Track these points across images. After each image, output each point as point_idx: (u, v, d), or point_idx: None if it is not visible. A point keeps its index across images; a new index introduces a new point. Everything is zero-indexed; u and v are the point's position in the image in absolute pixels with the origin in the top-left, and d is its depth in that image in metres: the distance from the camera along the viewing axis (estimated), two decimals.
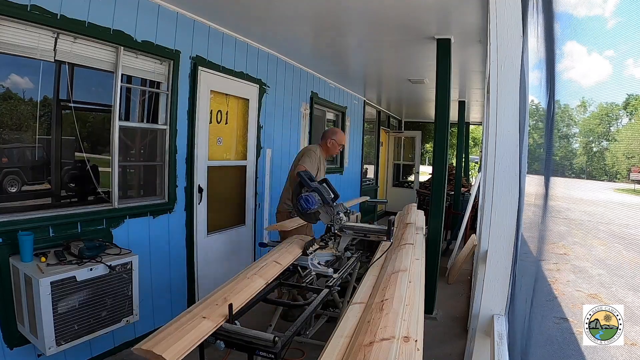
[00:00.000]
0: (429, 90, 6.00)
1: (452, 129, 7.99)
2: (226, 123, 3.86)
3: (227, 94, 3.81)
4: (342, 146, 3.70)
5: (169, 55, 3.04)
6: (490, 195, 1.49)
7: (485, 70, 4.52)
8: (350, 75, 5.86)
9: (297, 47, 4.28)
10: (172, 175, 3.18)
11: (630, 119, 0.80)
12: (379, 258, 2.38)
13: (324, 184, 2.84)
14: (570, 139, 1.08)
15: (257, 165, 4.23)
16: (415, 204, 4.61)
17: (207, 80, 3.45)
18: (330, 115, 6.53)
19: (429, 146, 14.37)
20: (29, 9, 2.15)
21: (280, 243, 2.67)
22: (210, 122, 3.59)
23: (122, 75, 2.74)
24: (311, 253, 2.44)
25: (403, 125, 11.04)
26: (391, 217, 2.87)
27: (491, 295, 1.47)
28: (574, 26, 0.90)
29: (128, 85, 2.86)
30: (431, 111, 7.97)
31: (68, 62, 2.45)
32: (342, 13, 3.13)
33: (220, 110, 3.75)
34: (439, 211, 3.61)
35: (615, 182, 0.82)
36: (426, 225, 3.62)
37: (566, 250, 1.20)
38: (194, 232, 3.40)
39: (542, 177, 1.11)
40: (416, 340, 1.30)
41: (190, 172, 3.33)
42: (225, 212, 3.86)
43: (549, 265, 1.14)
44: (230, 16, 3.30)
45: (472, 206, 5.44)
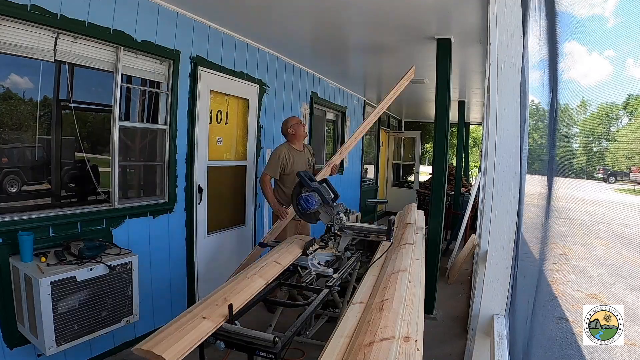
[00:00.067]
0: (429, 90, 6.00)
1: (452, 129, 7.99)
2: (226, 123, 3.86)
3: (227, 94, 3.81)
4: (298, 123, 3.66)
5: (169, 55, 3.04)
6: (490, 195, 1.49)
7: (485, 70, 4.52)
8: (350, 75, 5.86)
9: (297, 47, 4.28)
10: (172, 175, 3.18)
11: (630, 119, 0.80)
12: (379, 258, 2.38)
13: (324, 184, 2.85)
14: (570, 139, 1.08)
15: (257, 165, 4.22)
16: (415, 204, 4.61)
17: (207, 80, 3.45)
18: (330, 115, 6.53)
19: (429, 146, 14.38)
20: (29, 9, 2.15)
21: (280, 243, 2.67)
22: (210, 122, 3.59)
23: (122, 75, 2.74)
24: (311, 253, 2.44)
25: (403, 125, 11.04)
26: (391, 217, 2.87)
27: (491, 295, 1.47)
28: (575, 26, 0.90)
29: (128, 85, 2.86)
30: (431, 111, 7.97)
31: (68, 62, 2.45)
32: (342, 13, 3.14)
33: (220, 110, 3.75)
34: (439, 211, 3.61)
35: (615, 182, 0.82)
36: (426, 225, 3.62)
37: (566, 250, 1.20)
38: (194, 232, 3.39)
39: (543, 177, 1.11)
40: (416, 340, 1.30)
41: (190, 172, 3.33)
42: (225, 212, 3.86)
43: (549, 265, 1.14)
44: (230, 16, 3.30)
45: (472, 206, 5.44)
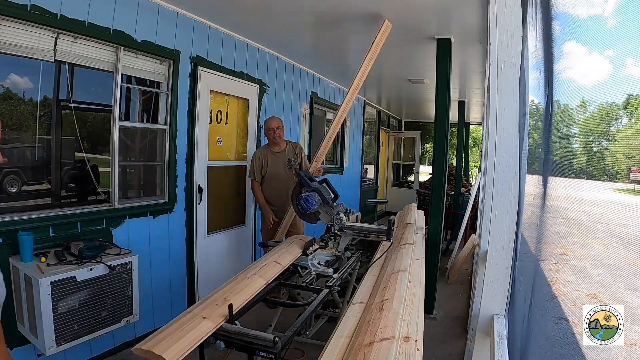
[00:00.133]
0: (429, 90, 6.00)
1: (452, 129, 7.99)
2: (226, 123, 3.86)
3: (227, 94, 3.81)
4: (270, 129, 3.59)
5: (169, 55, 3.04)
6: (490, 195, 1.49)
7: (485, 70, 4.51)
8: (350, 75, 5.79)
9: (297, 47, 4.28)
10: (172, 175, 3.18)
11: (630, 119, 0.80)
12: (379, 258, 2.38)
13: (324, 184, 2.85)
14: (570, 139, 1.08)
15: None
16: (415, 204, 4.61)
17: (207, 80, 3.45)
18: (330, 115, 6.52)
19: (429, 146, 14.37)
20: (29, 9, 2.15)
21: (280, 243, 2.67)
22: (210, 122, 3.59)
23: (122, 75, 2.74)
24: (311, 253, 2.44)
25: (403, 125, 11.04)
26: (391, 217, 2.87)
27: (491, 295, 1.47)
28: (573, 26, 0.90)
29: (128, 85, 2.86)
30: (431, 111, 7.97)
31: (68, 62, 2.45)
32: (342, 13, 3.13)
33: (220, 110, 3.75)
34: (439, 211, 3.61)
35: (615, 182, 0.82)
36: (426, 225, 3.62)
37: (566, 250, 1.20)
38: (194, 232, 3.40)
39: (542, 177, 1.11)
40: (416, 340, 1.30)
41: (190, 172, 3.33)
42: (225, 212, 3.86)
43: (549, 265, 1.14)
44: (231, 16, 3.30)
45: (472, 206, 5.43)
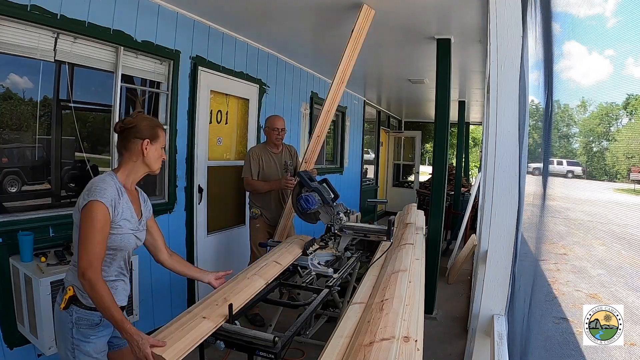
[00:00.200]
0: (429, 90, 6.00)
1: (452, 129, 7.99)
2: (226, 123, 3.86)
3: (227, 94, 3.81)
4: (276, 129, 3.39)
5: (169, 55, 3.04)
6: (490, 195, 1.49)
7: (485, 70, 4.51)
8: (350, 75, 5.84)
9: (297, 47, 4.28)
10: (172, 175, 3.18)
11: (630, 119, 0.80)
12: (379, 258, 2.38)
13: (324, 184, 2.84)
14: (570, 139, 1.08)
15: None
16: (415, 204, 4.61)
17: (207, 80, 3.45)
18: None
19: (429, 146, 14.37)
20: (29, 9, 2.15)
21: (280, 243, 2.67)
22: (210, 122, 3.59)
23: (122, 75, 2.74)
24: (311, 253, 2.44)
25: (403, 125, 11.04)
26: (391, 217, 2.87)
27: (491, 295, 1.47)
28: (573, 25, 0.90)
29: (128, 85, 2.86)
30: (431, 111, 7.97)
31: (68, 62, 2.45)
32: (343, 13, 3.13)
33: (220, 110, 3.75)
34: (439, 211, 3.61)
35: (615, 182, 0.82)
36: (426, 225, 3.62)
37: (566, 250, 1.20)
38: (194, 232, 3.40)
39: (541, 177, 1.11)
40: (416, 340, 1.30)
41: (190, 172, 3.33)
42: (225, 212, 3.86)
43: (549, 265, 1.14)
44: (230, 16, 3.30)
45: (472, 206, 5.43)
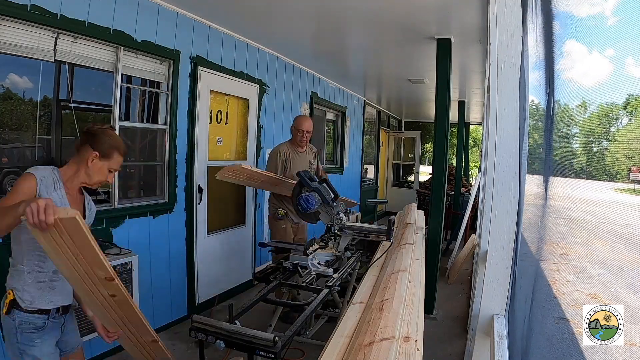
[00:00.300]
0: (429, 90, 6.00)
1: (452, 129, 7.99)
2: (226, 123, 3.86)
3: (227, 94, 3.80)
4: (301, 131, 3.32)
5: (169, 55, 3.04)
6: (490, 195, 1.49)
7: (485, 70, 4.51)
8: (350, 75, 5.86)
9: (297, 47, 4.28)
10: (172, 175, 3.18)
11: (630, 119, 0.80)
12: (379, 258, 2.38)
13: (324, 184, 2.85)
14: (570, 139, 1.08)
15: (257, 166, 4.22)
16: (415, 204, 4.61)
17: (207, 80, 3.45)
18: (330, 115, 6.53)
19: (429, 146, 14.38)
20: (29, 9, 2.15)
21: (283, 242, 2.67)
22: (210, 122, 3.58)
23: (122, 75, 2.74)
24: (311, 253, 2.44)
25: (403, 125, 11.04)
26: (391, 217, 2.87)
27: (491, 295, 1.46)
28: (574, 25, 0.90)
29: (128, 85, 2.86)
30: (431, 111, 7.97)
31: (68, 62, 2.45)
32: (342, 13, 3.13)
33: (220, 110, 3.75)
34: (439, 211, 3.61)
35: (615, 182, 0.82)
36: (426, 225, 3.62)
37: (566, 250, 1.20)
38: (194, 232, 3.39)
39: (542, 177, 1.11)
40: (416, 340, 1.30)
41: (190, 172, 3.33)
42: (225, 212, 3.86)
43: (549, 265, 1.14)
44: (230, 16, 3.30)
45: (472, 206, 5.43)
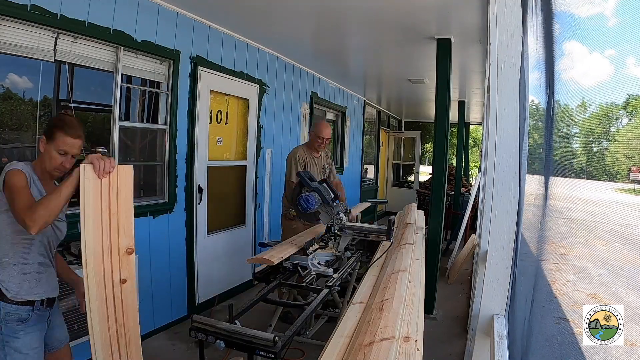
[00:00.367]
0: (429, 90, 6.00)
1: (452, 129, 8.00)
2: (226, 123, 3.86)
3: (227, 94, 3.80)
4: (321, 138, 3.33)
5: (169, 55, 3.04)
6: (490, 195, 1.49)
7: (485, 70, 4.51)
8: (350, 75, 5.86)
9: (297, 47, 4.28)
10: (172, 175, 3.18)
11: (630, 119, 0.80)
12: (379, 258, 2.38)
13: (324, 184, 2.85)
14: (570, 139, 1.08)
15: (257, 166, 4.23)
16: (415, 204, 4.61)
17: (207, 80, 3.45)
18: (330, 115, 6.53)
19: (429, 146, 14.38)
20: (29, 9, 2.15)
21: (280, 242, 2.67)
22: (210, 122, 3.58)
23: (122, 75, 2.74)
24: (311, 253, 2.44)
25: (403, 125, 11.04)
26: (391, 217, 2.87)
27: (491, 295, 1.46)
28: (574, 25, 0.90)
29: (128, 85, 2.86)
30: (431, 111, 7.97)
31: (68, 62, 2.45)
32: (342, 13, 3.14)
33: (220, 110, 3.75)
34: (439, 211, 3.61)
35: (615, 182, 0.82)
36: (426, 225, 3.62)
37: (566, 250, 1.20)
38: (194, 232, 3.39)
39: (542, 177, 1.11)
40: (416, 340, 1.30)
41: (190, 172, 3.33)
42: (225, 212, 3.86)
43: (549, 265, 1.14)
44: (230, 16, 3.30)
45: (472, 206, 5.43)
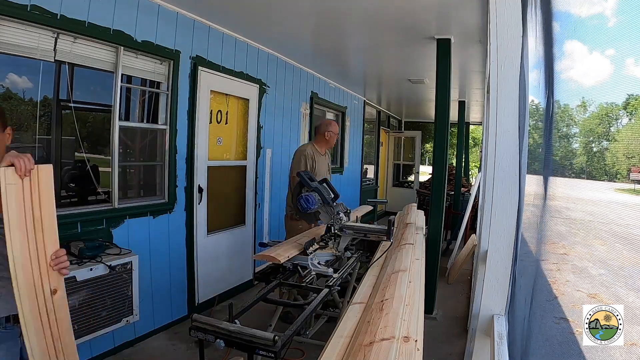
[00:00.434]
0: (429, 90, 6.00)
1: (452, 129, 7.99)
2: (226, 123, 3.86)
3: (227, 94, 3.80)
4: (337, 134, 3.73)
5: (169, 55, 3.04)
6: (490, 195, 1.49)
7: (485, 70, 4.51)
8: (350, 75, 5.86)
9: (297, 47, 4.28)
10: (172, 175, 3.18)
11: (630, 119, 0.80)
12: (379, 258, 2.38)
13: (324, 184, 2.85)
14: (570, 139, 1.08)
15: (257, 165, 4.23)
16: (415, 204, 4.61)
17: (207, 80, 3.45)
18: (330, 115, 6.53)
19: (429, 146, 14.38)
20: (29, 9, 2.15)
21: (279, 242, 2.67)
22: (210, 122, 3.58)
23: (122, 75, 2.74)
24: (311, 253, 2.44)
25: (403, 125, 11.04)
26: (391, 217, 2.87)
27: (491, 295, 1.46)
28: (573, 25, 0.90)
29: (128, 85, 2.86)
30: (431, 111, 7.97)
31: (68, 62, 2.45)
32: (343, 13, 3.13)
33: (220, 110, 3.75)
34: (439, 211, 3.61)
35: (615, 182, 0.82)
36: (426, 225, 3.62)
37: (566, 250, 1.20)
38: (194, 232, 3.39)
39: (542, 177, 1.11)
40: (416, 340, 1.30)
41: (190, 172, 3.33)
42: (225, 212, 3.86)
43: (549, 265, 1.14)
44: (230, 16, 3.30)
45: (472, 206, 5.43)
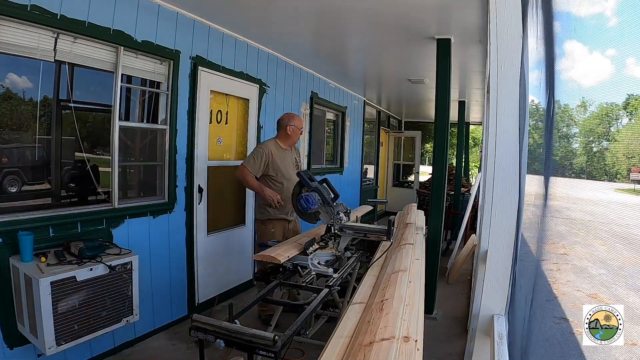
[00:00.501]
0: (429, 90, 6.00)
1: (452, 129, 7.99)
2: (226, 123, 3.86)
3: (227, 94, 3.80)
4: (301, 129, 3.43)
5: (169, 55, 3.04)
6: (490, 195, 1.49)
7: (485, 70, 4.51)
8: (350, 75, 5.86)
9: (297, 47, 4.28)
10: (172, 175, 3.18)
11: (630, 119, 0.80)
12: (379, 258, 2.38)
13: (324, 184, 2.85)
14: (570, 139, 1.08)
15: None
16: (415, 204, 4.61)
17: (207, 80, 3.45)
18: (330, 115, 6.53)
19: (429, 146, 14.38)
20: (29, 9, 2.15)
21: (279, 242, 2.67)
22: (210, 122, 3.58)
23: (122, 75, 2.74)
24: (311, 253, 2.44)
25: (403, 125, 11.04)
26: (391, 217, 2.87)
27: (491, 295, 1.46)
28: (574, 25, 0.90)
29: (128, 85, 2.86)
30: (431, 111, 7.97)
31: (68, 62, 2.45)
32: (343, 13, 3.13)
33: (220, 110, 3.75)
34: (439, 211, 3.61)
35: (615, 182, 0.82)
36: (426, 225, 3.62)
37: (566, 250, 1.20)
38: (194, 232, 3.39)
39: (542, 177, 1.11)
40: (416, 340, 1.30)
41: (190, 172, 3.33)
42: (225, 212, 3.86)
43: (549, 265, 1.14)
44: (230, 16, 3.30)
45: (472, 206, 5.43)
